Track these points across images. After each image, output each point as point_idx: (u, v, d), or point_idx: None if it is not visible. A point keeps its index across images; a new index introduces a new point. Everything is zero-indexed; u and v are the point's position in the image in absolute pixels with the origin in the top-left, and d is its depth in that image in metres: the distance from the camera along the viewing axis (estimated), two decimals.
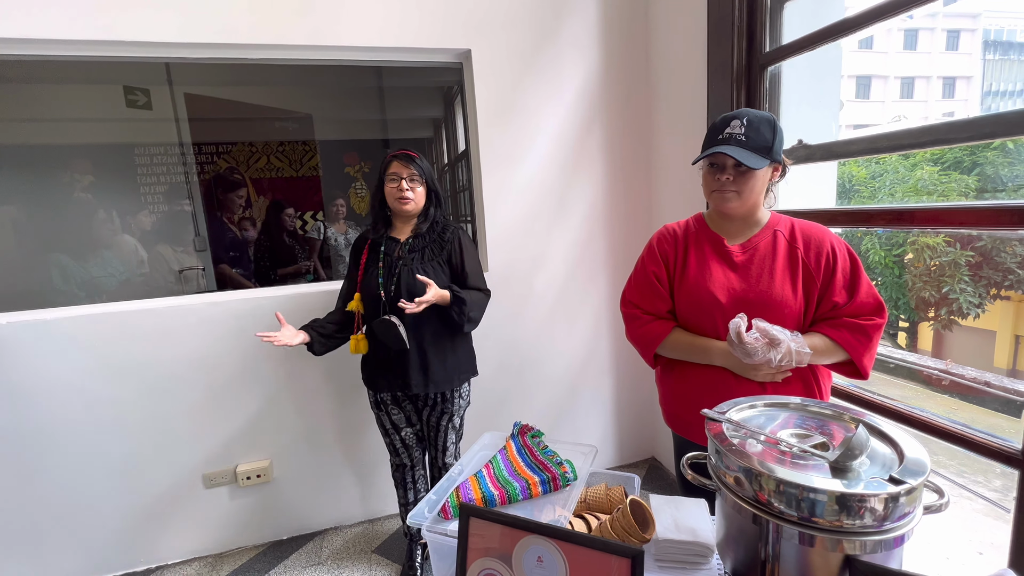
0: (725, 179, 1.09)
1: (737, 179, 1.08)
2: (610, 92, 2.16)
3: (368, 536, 2.05)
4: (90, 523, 1.83)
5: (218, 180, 3.49)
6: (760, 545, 0.69)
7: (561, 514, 0.86)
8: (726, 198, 1.10)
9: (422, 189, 1.57)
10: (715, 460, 0.76)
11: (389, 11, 1.86)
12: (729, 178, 1.08)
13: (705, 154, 1.09)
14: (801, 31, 1.51)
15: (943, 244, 5.36)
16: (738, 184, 1.09)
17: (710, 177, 1.12)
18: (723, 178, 1.09)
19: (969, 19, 17.70)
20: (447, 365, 1.60)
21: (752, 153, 1.05)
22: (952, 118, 1.15)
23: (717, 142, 1.08)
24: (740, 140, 1.05)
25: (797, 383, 1.12)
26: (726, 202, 1.11)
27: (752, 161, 1.04)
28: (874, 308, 1.08)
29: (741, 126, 1.06)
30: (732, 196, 1.10)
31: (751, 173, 1.08)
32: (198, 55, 1.78)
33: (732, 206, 1.12)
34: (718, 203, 1.13)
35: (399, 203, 1.54)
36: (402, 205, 1.55)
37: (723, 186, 1.09)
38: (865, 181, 6.39)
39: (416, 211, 1.59)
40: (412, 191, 1.54)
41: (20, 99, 3.16)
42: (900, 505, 0.61)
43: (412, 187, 1.54)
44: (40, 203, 3.14)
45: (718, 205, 1.14)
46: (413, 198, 1.55)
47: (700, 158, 1.11)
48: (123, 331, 1.77)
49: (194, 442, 1.90)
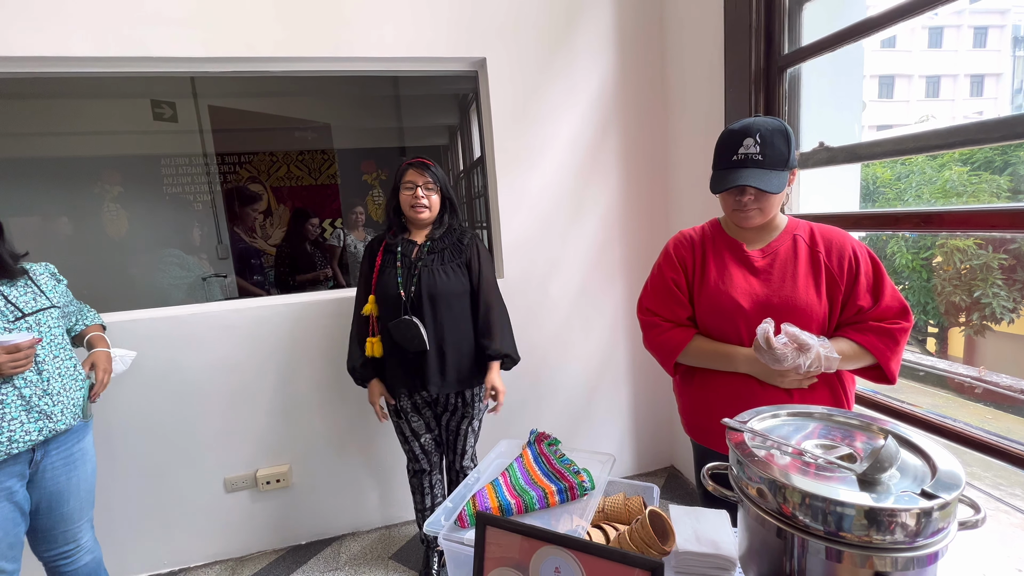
0: (747, 200, 1.06)
1: (759, 198, 1.06)
2: (625, 97, 2.15)
3: (385, 542, 2.05)
4: (117, 524, 1.87)
5: (237, 192, 3.58)
6: (785, 560, 0.67)
7: (579, 524, 0.84)
8: (749, 217, 1.09)
9: (437, 197, 1.58)
10: (736, 471, 0.74)
11: (406, 22, 1.89)
12: (751, 198, 1.06)
13: (725, 188, 1.05)
14: (821, 32, 1.48)
15: (974, 247, 5.17)
16: (760, 203, 1.07)
17: (730, 198, 1.10)
18: (745, 200, 1.07)
19: (997, 15, 17.19)
20: (464, 366, 1.60)
21: (772, 172, 1.03)
22: (982, 117, 1.11)
23: (732, 164, 1.05)
24: (757, 160, 1.03)
25: (824, 389, 1.09)
26: (749, 220, 1.10)
27: (774, 184, 1.03)
28: (899, 311, 1.05)
29: (755, 144, 1.03)
30: (755, 214, 1.08)
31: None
32: (223, 69, 1.83)
33: (755, 223, 1.10)
34: (740, 222, 1.12)
35: (414, 211, 1.56)
36: (417, 213, 1.56)
37: (745, 207, 1.08)
38: (890, 183, 6.21)
39: (431, 219, 1.60)
40: (427, 199, 1.56)
41: (54, 114, 3.29)
42: (933, 521, 0.58)
43: (427, 195, 1.56)
44: (75, 212, 3.27)
45: (740, 223, 1.12)
46: (428, 206, 1.56)
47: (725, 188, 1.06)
48: (150, 337, 1.81)
49: (216, 447, 1.93)
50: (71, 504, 1.35)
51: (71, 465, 1.34)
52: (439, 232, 1.61)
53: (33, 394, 1.22)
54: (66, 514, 1.35)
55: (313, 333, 1.96)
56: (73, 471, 1.34)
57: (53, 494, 1.31)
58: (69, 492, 1.34)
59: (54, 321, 1.32)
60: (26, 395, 1.21)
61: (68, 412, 1.29)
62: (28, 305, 1.27)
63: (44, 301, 1.31)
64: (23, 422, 1.20)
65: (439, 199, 1.59)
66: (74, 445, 1.35)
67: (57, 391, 1.27)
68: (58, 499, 1.32)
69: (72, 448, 1.34)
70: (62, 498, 1.32)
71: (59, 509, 1.33)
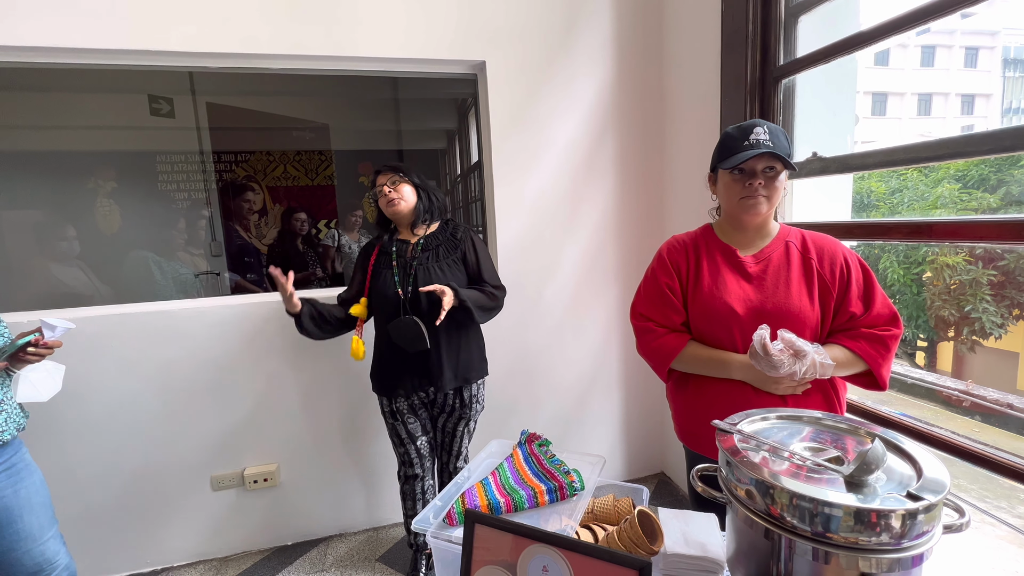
0: (758, 184, 1.07)
1: (768, 184, 1.08)
2: (622, 103, 2.17)
3: (372, 544, 2.03)
4: (100, 523, 1.84)
5: (230, 187, 3.56)
6: (772, 562, 0.67)
7: (567, 524, 0.84)
8: (758, 203, 1.08)
9: (406, 187, 1.60)
10: (726, 472, 0.75)
11: (407, 23, 1.90)
12: (762, 183, 1.07)
13: (748, 155, 1.03)
14: (816, 44, 1.51)
15: (963, 263, 5.24)
16: (768, 189, 1.08)
17: (738, 185, 1.10)
18: (756, 184, 1.07)
19: (988, 36, 17.54)
20: (464, 360, 1.62)
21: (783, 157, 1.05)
22: (972, 131, 1.14)
23: (744, 148, 1.06)
24: (768, 145, 1.05)
25: (817, 395, 1.10)
26: (757, 207, 1.09)
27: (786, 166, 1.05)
28: (889, 318, 1.06)
29: (765, 133, 1.06)
30: (763, 201, 1.08)
31: (777, 179, 1.07)
32: (221, 64, 1.83)
33: (762, 211, 1.10)
34: (746, 210, 1.10)
35: (390, 207, 1.59)
36: (392, 207, 1.58)
37: (755, 192, 1.07)
38: (884, 197, 6.29)
39: (409, 209, 1.61)
40: (395, 191, 1.58)
41: (49, 107, 3.27)
42: (919, 523, 0.59)
43: (395, 188, 1.58)
44: (61, 208, 3.23)
45: (747, 211, 1.10)
46: (398, 197, 1.58)
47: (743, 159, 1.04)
48: (141, 332, 1.80)
49: (204, 443, 1.91)
50: (26, 520, 1.28)
51: (16, 477, 1.28)
52: (430, 227, 1.63)
53: None
54: (23, 531, 1.27)
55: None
56: (20, 482, 1.28)
57: (5, 509, 1.25)
58: (20, 507, 1.27)
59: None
60: None
61: (11, 423, 1.26)
62: None
63: None
64: None
65: (411, 188, 1.61)
66: (13, 456, 1.29)
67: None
68: (8, 515, 1.25)
69: (12, 459, 1.29)
70: (13, 514, 1.26)
71: (13, 526, 1.26)
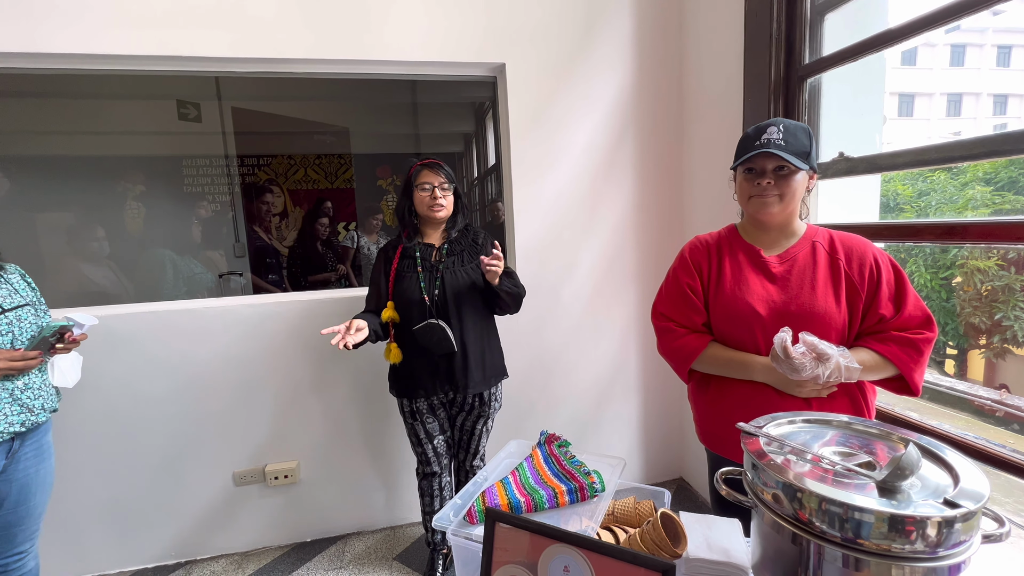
0: (766, 183, 1.06)
1: (778, 183, 1.06)
2: (642, 105, 2.16)
3: (390, 542, 2.04)
4: (127, 516, 1.89)
5: (252, 189, 3.65)
6: (799, 569, 0.65)
7: (588, 525, 0.83)
8: (767, 203, 1.07)
9: (451, 196, 1.61)
10: (751, 475, 0.73)
11: (429, 26, 1.92)
12: (770, 182, 1.06)
13: (748, 155, 1.06)
14: (843, 42, 1.48)
15: (995, 268, 5.06)
16: (780, 187, 1.06)
17: (748, 183, 1.09)
18: (764, 182, 1.06)
19: (1020, 35, 16.97)
20: (489, 362, 1.64)
21: (793, 156, 1.03)
22: (1007, 130, 1.10)
23: (755, 147, 1.06)
24: (780, 144, 1.03)
25: (843, 399, 1.07)
26: (767, 207, 1.08)
27: (795, 161, 1.02)
28: (922, 321, 1.03)
29: (779, 132, 1.05)
30: (774, 200, 1.07)
31: (791, 177, 1.05)
32: (248, 69, 1.87)
33: (773, 211, 1.08)
34: (758, 209, 1.09)
35: (432, 211, 1.58)
36: (435, 212, 1.58)
37: (764, 191, 1.07)
38: (911, 199, 6.12)
39: (447, 217, 1.63)
40: (444, 198, 1.58)
41: (82, 113, 3.39)
42: (956, 531, 0.57)
43: (444, 194, 1.58)
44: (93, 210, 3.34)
45: (758, 211, 1.10)
46: (445, 205, 1.59)
47: (745, 158, 1.07)
48: (166, 330, 1.84)
49: (227, 440, 1.95)
50: (37, 498, 1.38)
51: (40, 456, 1.38)
52: (454, 233, 1.64)
53: (16, 387, 1.28)
54: (33, 509, 1.37)
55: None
56: (41, 463, 1.38)
57: (24, 486, 1.33)
58: (36, 485, 1.37)
59: (33, 318, 1.35)
60: (9, 388, 1.27)
61: (47, 405, 1.36)
62: (7, 301, 1.30)
63: (19, 299, 1.34)
64: (7, 414, 1.26)
65: (453, 198, 1.63)
66: (43, 437, 1.40)
67: (37, 385, 1.33)
68: (27, 492, 1.34)
69: (42, 440, 1.39)
70: (30, 491, 1.35)
71: (26, 503, 1.35)
